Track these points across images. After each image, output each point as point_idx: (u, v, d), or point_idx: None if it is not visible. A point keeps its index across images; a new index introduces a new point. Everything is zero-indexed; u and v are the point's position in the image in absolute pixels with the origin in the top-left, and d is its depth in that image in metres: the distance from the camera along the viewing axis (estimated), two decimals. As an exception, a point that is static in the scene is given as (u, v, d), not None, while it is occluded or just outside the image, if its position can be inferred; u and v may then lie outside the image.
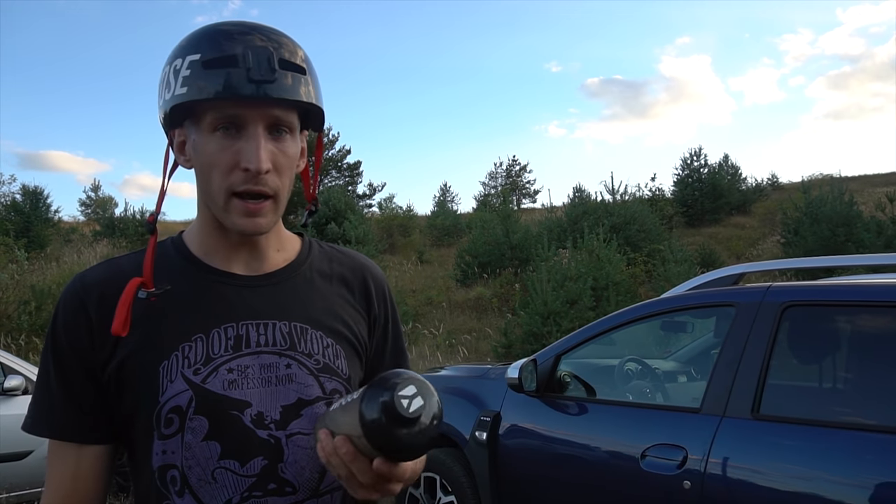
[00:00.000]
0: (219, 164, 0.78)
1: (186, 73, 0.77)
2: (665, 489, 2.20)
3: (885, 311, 2.14)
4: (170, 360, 0.79)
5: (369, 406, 0.66)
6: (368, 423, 0.66)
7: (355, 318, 0.92)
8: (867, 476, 1.89)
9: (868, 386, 2.25)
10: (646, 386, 3.19)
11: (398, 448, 0.67)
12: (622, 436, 2.49)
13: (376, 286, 0.96)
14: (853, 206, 12.24)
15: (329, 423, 0.75)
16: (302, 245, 0.93)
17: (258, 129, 0.78)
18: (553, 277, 9.03)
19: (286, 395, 0.82)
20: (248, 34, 0.78)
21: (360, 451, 0.70)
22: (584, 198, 15.74)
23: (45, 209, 19.67)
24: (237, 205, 0.79)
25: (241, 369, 0.81)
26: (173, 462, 0.79)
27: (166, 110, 0.80)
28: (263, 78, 0.76)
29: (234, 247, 0.86)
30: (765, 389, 2.13)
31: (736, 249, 15.38)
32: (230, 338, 0.82)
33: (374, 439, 0.66)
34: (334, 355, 0.87)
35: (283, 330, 0.84)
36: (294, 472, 0.82)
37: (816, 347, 2.36)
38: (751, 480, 2.06)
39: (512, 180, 31.66)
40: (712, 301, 2.62)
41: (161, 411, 0.78)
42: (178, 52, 0.79)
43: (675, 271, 9.97)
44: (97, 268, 0.84)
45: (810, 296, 2.26)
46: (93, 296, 0.81)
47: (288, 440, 0.82)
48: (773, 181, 23.45)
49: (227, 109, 0.77)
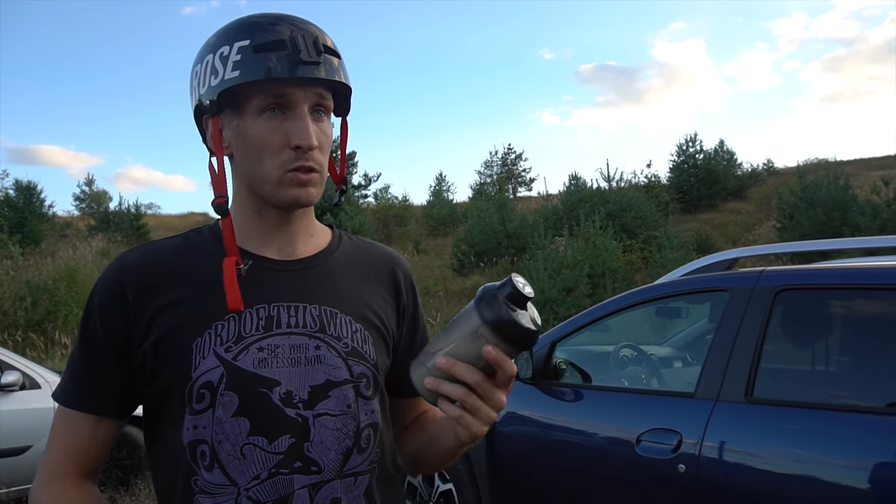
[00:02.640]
0: (270, 145, 0.82)
1: (237, 58, 0.81)
2: (660, 473, 2.22)
3: (876, 294, 2.16)
4: (203, 337, 0.82)
5: (490, 301, 0.74)
6: (494, 314, 0.73)
7: (384, 308, 0.94)
8: (859, 457, 1.91)
9: (860, 368, 2.27)
10: (641, 372, 3.20)
11: (522, 331, 0.74)
12: (618, 421, 2.50)
13: (404, 277, 0.99)
14: (848, 190, 12.26)
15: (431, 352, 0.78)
16: (332, 235, 0.97)
17: (304, 109, 0.82)
18: (550, 265, 9.04)
19: (315, 375, 0.84)
20: (291, 21, 0.84)
21: (474, 360, 0.75)
22: (580, 185, 15.74)
23: (39, 204, 19.59)
24: (292, 177, 0.83)
25: (272, 349, 0.83)
26: (203, 437, 0.81)
27: (213, 96, 0.83)
28: (312, 59, 0.81)
29: (270, 231, 0.89)
30: (758, 373, 2.14)
31: (732, 235, 15.41)
32: (261, 318, 0.84)
33: (501, 326, 0.73)
34: (362, 340, 0.89)
35: (313, 313, 0.87)
36: (320, 451, 0.83)
37: (809, 331, 2.37)
38: (744, 463, 2.08)
39: (507, 169, 31.62)
40: (706, 286, 2.63)
41: (193, 387, 0.81)
42: (223, 40, 0.83)
43: (671, 258, 9.99)
44: (134, 251, 0.87)
45: (802, 280, 2.26)
46: (131, 277, 0.84)
47: (315, 420, 0.83)
48: (769, 166, 23.48)
49: (276, 90, 0.81)
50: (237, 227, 0.89)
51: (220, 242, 0.88)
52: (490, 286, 0.76)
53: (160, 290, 0.83)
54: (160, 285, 0.84)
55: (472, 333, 0.75)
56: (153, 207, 27.73)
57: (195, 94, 0.86)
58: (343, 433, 0.85)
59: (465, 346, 0.75)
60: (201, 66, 0.85)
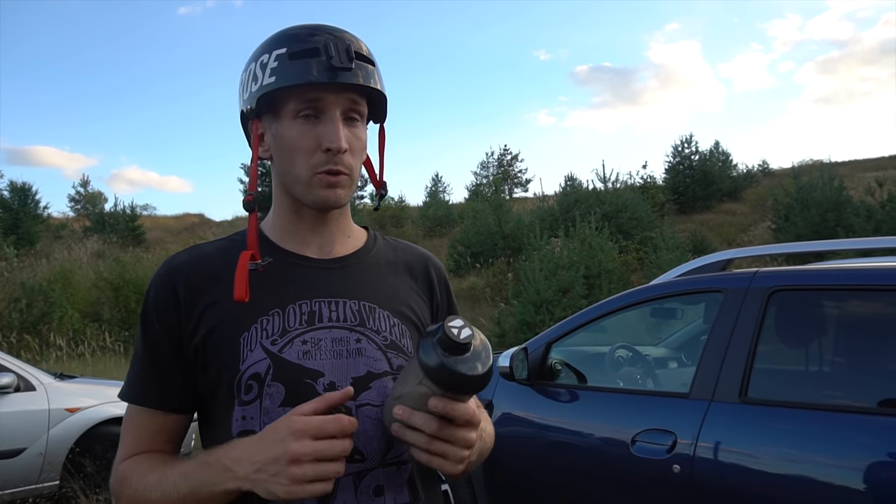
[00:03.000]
0: (302, 147, 0.86)
1: (274, 65, 0.86)
2: (655, 474, 2.23)
3: (869, 295, 2.17)
4: (250, 331, 0.86)
5: (424, 348, 0.74)
6: (427, 363, 0.72)
7: (419, 304, 0.98)
8: (852, 456, 1.92)
9: (853, 368, 2.28)
10: (636, 372, 3.21)
11: (459, 378, 0.72)
12: (613, 422, 2.51)
13: (438, 276, 1.03)
14: (843, 192, 12.31)
15: (394, 398, 0.79)
16: (368, 235, 1.01)
17: (336, 114, 0.86)
18: (545, 266, 9.05)
19: (356, 367, 0.87)
20: (327, 31, 0.88)
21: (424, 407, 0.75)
22: (576, 186, 15.76)
23: (33, 205, 19.53)
24: (321, 179, 0.87)
25: (315, 342, 0.87)
26: (252, 427, 0.84)
27: (252, 103, 0.88)
28: (343, 65, 0.85)
29: (308, 231, 0.93)
30: (752, 374, 2.15)
31: (727, 236, 15.46)
32: (304, 313, 0.88)
33: (435, 375, 0.72)
34: (400, 334, 0.92)
35: (353, 308, 0.90)
36: (363, 441, 0.86)
37: (802, 331, 2.38)
38: (738, 463, 2.09)
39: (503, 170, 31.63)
40: (700, 287, 2.64)
41: (241, 378, 0.84)
42: (264, 49, 0.88)
43: (666, 258, 10.01)
44: (183, 253, 0.93)
45: (796, 281, 2.28)
46: (180, 276, 0.89)
47: (357, 410, 0.86)
48: (764, 167, 23.57)
49: (309, 94, 0.85)
50: (277, 226, 0.94)
51: (261, 241, 0.93)
52: (428, 332, 0.76)
53: (207, 288, 0.88)
54: (207, 284, 0.88)
55: (418, 384, 0.75)
56: (149, 208, 27.68)
57: (240, 100, 0.92)
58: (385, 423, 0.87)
59: (417, 396, 0.76)
60: (246, 74, 0.90)
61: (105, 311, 12.06)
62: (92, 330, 11.21)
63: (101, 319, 11.85)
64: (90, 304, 12.57)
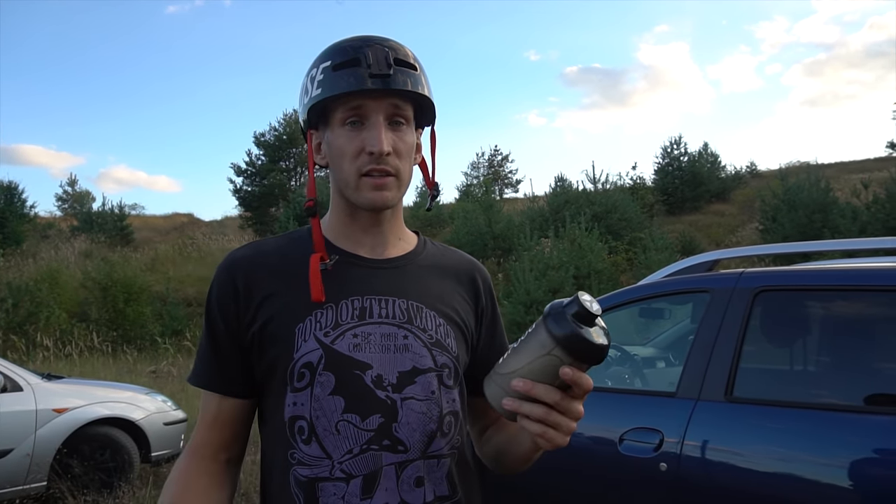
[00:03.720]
0: (348, 152, 0.91)
1: (320, 78, 0.92)
2: (642, 472, 2.25)
3: (854, 295, 2.21)
4: (304, 323, 0.91)
5: (556, 320, 0.78)
6: (561, 333, 0.76)
7: (464, 308, 1.02)
8: (837, 454, 1.95)
9: (837, 367, 2.31)
10: (624, 372, 3.24)
11: (591, 347, 0.77)
12: (601, 421, 2.53)
13: (483, 282, 1.07)
14: (829, 193, 12.45)
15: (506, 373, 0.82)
16: (419, 240, 1.06)
17: (379, 119, 0.91)
18: (536, 267, 9.09)
19: (403, 362, 0.92)
20: (369, 42, 0.92)
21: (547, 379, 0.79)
22: (566, 187, 15.83)
23: (20, 205, 19.32)
24: (366, 182, 0.91)
25: (365, 335, 0.91)
26: (302, 413, 0.89)
27: (304, 114, 0.95)
28: (381, 72, 0.89)
29: (361, 233, 0.98)
30: (738, 372, 2.18)
31: (716, 237, 15.58)
32: (356, 308, 0.93)
33: (569, 344, 0.77)
34: (445, 334, 0.96)
35: (401, 306, 0.95)
36: (406, 432, 0.90)
37: (787, 331, 2.42)
38: (724, 461, 2.12)
39: (494, 170, 31.70)
40: (687, 287, 2.67)
41: (295, 366, 0.89)
42: (314, 64, 0.94)
43: (655, 259, 10.08)
44: (244, 248, 0.98)
45: (781, 281, 2.31)
46: (240, 270, 0.94)
47: (402, 403, 0.90)
48: (752, 169, 23.76)
49: (353, 102, 0.90)
50: (333, 228, 1.00)
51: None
52: (557, 305, 0.80)
53: (265, 281, 0.93)
54: (265, 277, 0.93)
55: (546, 355, 0.78)
56: (137, 208, 27.47)
57: (300, 110, 0.98)
58: (427, 417, 0.91)
59: (541, 368, 0.79)
60: (301, 89, 0.96)
61: (93, 311, 11.98)
62: (79, 330, 11.13)
63: (89, 319, 11.77)
64: (78, 304, 12.48)
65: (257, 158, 21.72)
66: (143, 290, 12.75)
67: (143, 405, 4.56)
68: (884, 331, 2.25)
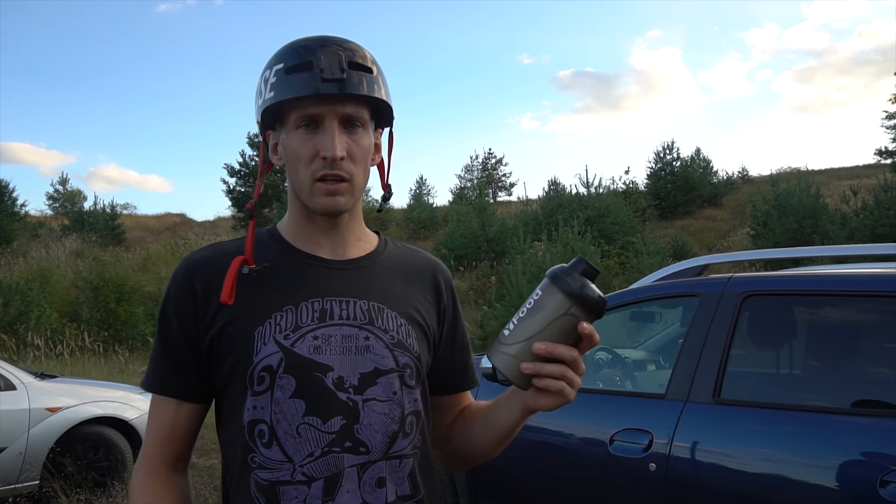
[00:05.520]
0: (303, 156, 0.91)
1: (273, 81, 0.91)
2: (632, 472, 2.29)
3: (839, 300, 2.26)
4: (264, 326, 0.90)
5: (568, 281, 0.83)
6: (578, 291, 0.82)
7: (425, 307, 1.02)
8: (821, 455, 1.99)
9: (824, 371, 2.36)
10: (615, 374, 3.28)
11: (601, 301, 0.83)
12: (592, 422, 2.57)
13: (445, 281, 1.07)
14: (819, 199, 12.58)
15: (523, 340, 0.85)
16: (380, 240, 1.06)
17: (333, 123, 0.90)
18: (529, 270, 9.13)
19: (364, 363, 0.91)
20: (323, 44, 0.90)
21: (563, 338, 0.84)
22: (560, 191, 15.90)
23: (10, 203, 19.18)
24: (320, 187, 0.91)
25: (325, 337, 0.91)
26: (262, 417, 0.88)
27: (258, 116, 0.94)
28: (334, 77, 0.88)
29: (321, 234, 0.97)
30: (725, 375, 2.23)
31: (707, 241, 15.69)
32: (316, 310, 0.92)
33: (584, 301, 0.82)
34: (406, 334, 0.96)
35: (362, 307, 0.94)
36: (368, 433, 0.90)
37: (774, 334, 2.47)
38: (712, 461, 2.16)
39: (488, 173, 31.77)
40: (677, 291, 2.71)
41: (254, 370, 0.89)
42: (268, 65, 0.93)
43: (648, 263, 10.15)
44: (203, 250, 0.97)
45: (768, 286, 2.36)
46: (199, 273, 0.93)
47: (364, 404, 0.90)
48: (744, 174, 23.92)
49: (307, 108, 0.89)
50: (292, 230, 0.99)
51: (277, 242, 0.98)
52: (564, 268, 0.85)
53: (224, 284, 0.91)
54: (223, 280, 0.91)
55: (564, 315, 0.83)
56: (129, 208, 27.34)
57: (255, 111, 0.97)
58: (389, 418, 0.92)
59: (560, 329, 0.83)
60: (256, 89, 0.95)
61: (84, 310, 11.91)
62: (70, 330, 11.07)
63: (80, 319, 11.70)
64: (69, 303, 12.41)
65: (251, 159, 21.66)
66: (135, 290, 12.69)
67: (136, 404, 4.56)
68: (869, 335, 2.31)
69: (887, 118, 15.62)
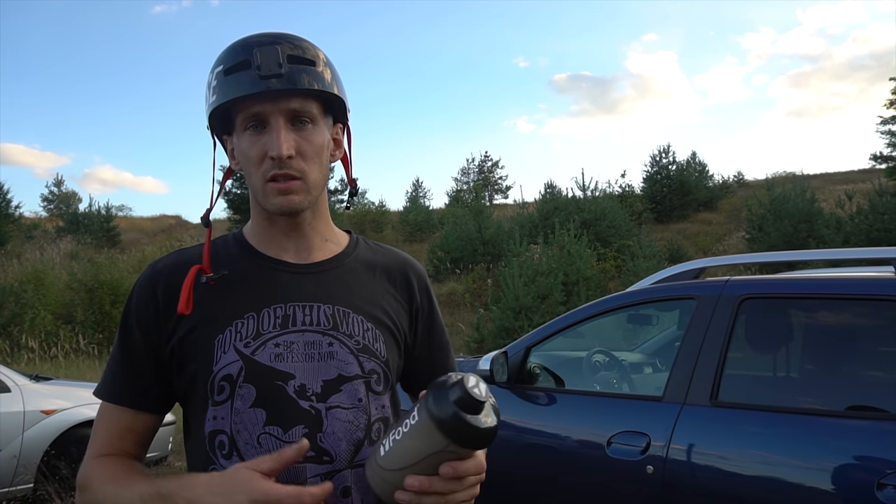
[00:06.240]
0: (252, 158, 0.88)
1: (215, 84, 0.88)
2: (629, 474, 2.29)
3: (835, 303, 2.27)
4: (224, 334, 0.88)
5: (441, 407, 0.72)
6: (447, 421, 0.72)
7: (395, 308, 0.98)
8: (818, 458, 2.00)
9: (820, 374, 2.37)
10: (612, 377, 3.29)
11: (486, 433, 0.73)
12: (589, 424, 2.58)
13: (418, 280, 1.03)
14: (814, 204, 12.62)
15: (396, 469, 0.77)
16: (350, 240, 1.02)
17: (279, 122, 0.87)
18: (525, 273, 9.14)
19: (328, 370, 0.89)
20: (261, 41, 0.87)
21: (434, 470, 0.75)
22: (556, 194, 15.92)
23: (4, 205, 19.10)
24: (272, 188, 0.88)
25: (287, 345, 0.88)
26: (223, 427, 0.86)
27: (207, 119, 0.92)
28: (271, 73, 0.85)
29: (284, 237, 0.95)
30: (722, 377, 2.23)
31: (703, 245, 15.72)
32: (278, 317, 0.90)
33: (456, 432, 0.72)
34: (373, 338, 0.93)
35: (326, 312, 0.92)
36: (332, 442, 0.87)
37: (771, 337, 2.48)
38: (709, 464, 2.17)
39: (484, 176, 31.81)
40: (674, 294, 2.72)
41: (214, 379, 0.87)
42: (211, 68, 0.90)
43: (644, 266, 10.16)
44: (167, 257, 0.95)
45: (765, 289, 2.37)
46: (161, 281, 0.91)
47: (327, 412, 0.88)
48: (739, 178, 24.02)
49: (251, 107, 0.87)
50: (256, 234, 0.96)
51: (241, 247, 0.96)
52: (440, 395, 0.74)
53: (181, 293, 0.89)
54: None
55: (440, 452, 0.74)
56: (124, 209, 27.25)
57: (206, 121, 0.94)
58: (354, 425, 0.89)
59: (436, 462, 0.75)
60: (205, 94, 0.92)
61: (79, 312, 11.86)
62: (65, 332, 11.01)
63: (75, 321, 11.65)
64: (63, 305, 12.35)
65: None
66: (130, 292, 12.61)
67: (132, 407, 4.53)
68: (864, 338, 2.32)
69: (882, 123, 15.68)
